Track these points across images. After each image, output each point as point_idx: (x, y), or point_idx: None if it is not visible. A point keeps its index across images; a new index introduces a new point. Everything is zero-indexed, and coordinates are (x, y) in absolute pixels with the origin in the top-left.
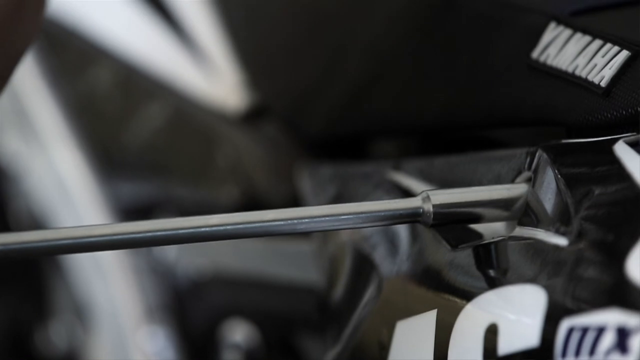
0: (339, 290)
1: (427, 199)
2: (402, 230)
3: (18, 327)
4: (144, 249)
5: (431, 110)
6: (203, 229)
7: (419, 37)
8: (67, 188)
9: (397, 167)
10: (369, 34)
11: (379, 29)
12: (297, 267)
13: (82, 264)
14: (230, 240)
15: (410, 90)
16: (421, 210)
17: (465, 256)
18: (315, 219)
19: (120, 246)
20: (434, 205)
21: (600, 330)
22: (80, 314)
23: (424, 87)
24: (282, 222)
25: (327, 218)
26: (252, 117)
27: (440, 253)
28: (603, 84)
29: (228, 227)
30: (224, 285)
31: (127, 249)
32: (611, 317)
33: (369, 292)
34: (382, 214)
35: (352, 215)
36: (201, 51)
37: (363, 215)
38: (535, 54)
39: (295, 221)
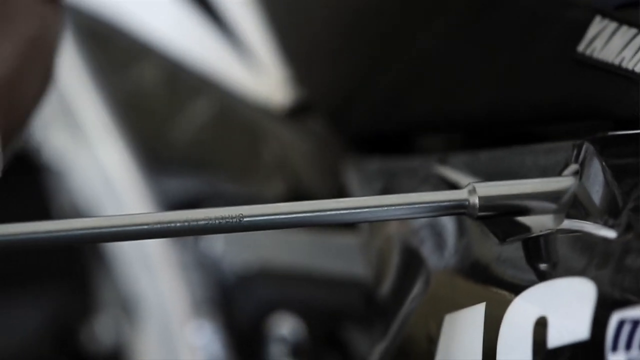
0: (386, 284)
1: (473, 191)
2: (450, 224)
3: (64, 323)
4: (190, 243)
5: (476, 105)
6: (251, 219)
7: (462, 34)
8: (112, 184)
9: (443, 161)
10: (412, 31)
11: (422, 27)
12: (344, 260)
13: (128, 258)
14: (277, 233)
15: (454, 86)
16: (467, 202)
17: (513, 249)
18: (363, 209)
19: (171, 234)
20: (480, 197)
21: None
22: (127, 308)
23: (469, 83)
24: (331, 212)
25: (375, 208)
26: (297, 113)
27: (488, 246)
28: None
29: (276, 216)
30: (271, 279)
31: (180, 237)
32: None
33: (417, 286)
34: (429, 205)
35: (399, 206)
36: (247, 48)
37: (410, 206)
38: (581, 48)
39: (344, 211)
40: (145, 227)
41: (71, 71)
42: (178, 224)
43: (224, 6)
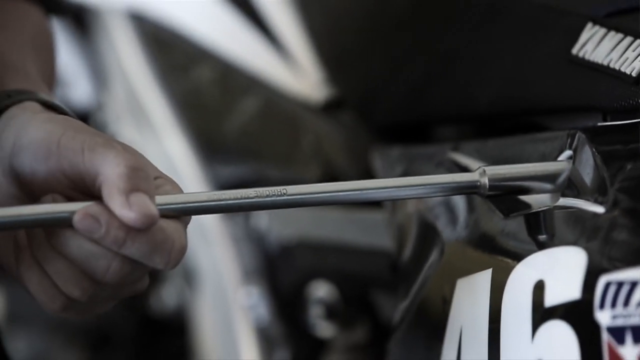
0: (407, 253)
1: (483, 173)
2: (461, 203)
3: None
4: (241, 220)
5: (485, 100)
6: (293, 196)
7: (474, 37)
8: (176, 170)
9: (456, 148)
10: (430, 35)
11: (438, 32)
12: (371, 233)
13: (189, 233)
14: (314, 210)
15: (467, 83)
16: (478, 182)
17: (516, 223)
18: (388, 189)
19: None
20: (489, 179)
21: (633, 285)
22: (188, 277)
23: (479, 80)
24: (360, 191)
25: (399, 188)
26: (331, 107)
27: (494, 221)
28: (634, 74)
29: (314, 194)
30: (308, 250)
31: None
32: None
33: (433, 255)
34: (445, 186)
35: (419, 186)
36: (288, 52)
37: (428, 186)
38: (575, 50)
39: (372, 191)
40: (206, 203)
41: (138, 73)
42: (236, 201)
43: (269, 16)
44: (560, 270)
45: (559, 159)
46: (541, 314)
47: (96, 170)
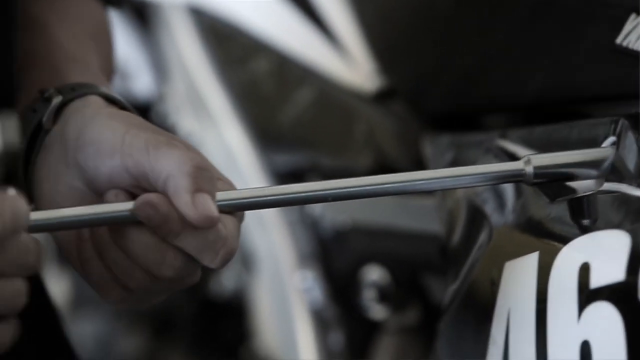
0: (456, 237)
1: (528, 162)
2: (509, 188)
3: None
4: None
5: (532, 89)
6: (348, 189)
7: (522, 28)
8: (234, 159)
9: (503, 136)
10: (480, 26)
11: (488, 22)
12: (422, 218)
13: (247, 219)
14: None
15: (515, 72)
16: (524, 171)
17: (562, 208)
18: (436, 180)
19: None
20: (534, 167)
21: None
22: (246, 261)
23: (527, 70)
24: (409, 183)
25: (447, 179)
26: (383, 97)
27: (541, 206)
28: None
29: (367, 187)
30: (362, 235)
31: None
32: None
33: (481, 238)
34: (492, 174)
35: (467, 176)
36: (341, 44)
37: (475, 176)
38: (619, 40)
39: (422, 181)
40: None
41: (198, 65)
42: (288, 196)
43: (322, 8)
44: (605, 252)
45: (603, 145)
46: (587, 295)
47: (161, 168)
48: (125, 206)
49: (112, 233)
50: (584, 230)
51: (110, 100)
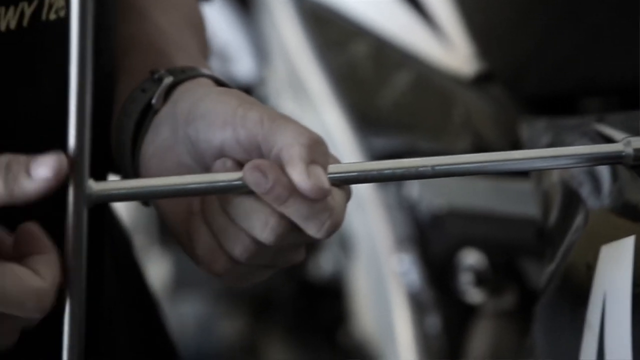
0: (552, 220)
1: (628, 143)
2: (605, 171)
3: None
4: (394, 189)
5: (630, 72)
6: (448, 166)
7: (618, 10)
8: (332, 142)
9: (601, 120)
10: (578, 9)
11: (586, 6)
12: (519, 202)
13: None
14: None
15: (612, 56)
16: (623, 153)
17: None
18: (535, 160)
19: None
20: (634, 149)
21: None
22: (344, 244)
23: (624, 54)
24: (507, 161)
25: (545, 159)
26: (481, 81)
27: (638, 190)
28: None
29: (462, 165)
30: (458, 219)
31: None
32: None
33: (577, 222)
34: (591, 156)
35: (564, 157)
36: (439, 27)
37: (575, 156)
38: None
39: (518, 161)
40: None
41: (298, 48)
42: (390, 171)
43: None
44: None
45: None
46: None
47: (275, 140)
48: (234, 175)
49: (220, 199)
50: None
51: (219, 83)
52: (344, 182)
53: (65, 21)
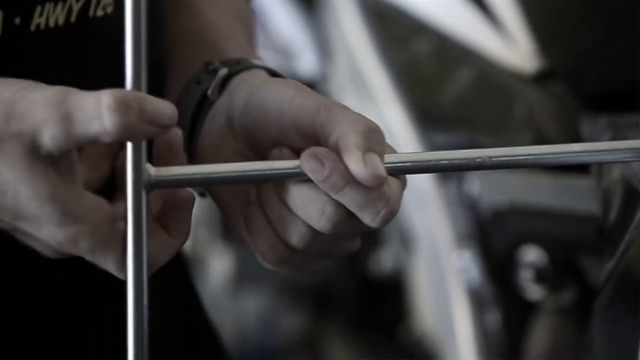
0: (612, 218)
1: None
2: None
3: (355, 254)
4: (454, 185)
5: None
6: (506, 158)
7: None
8: (394, 138)
9: None
10: (638, 6)
11: None
12: (579, 198)
13: (406, 199)
14: (524, 176)
15: None
16: None
17: None
18: (594, 153)
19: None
20: None
21: None
22: (404, 240)
23: None
24: (567, 154)
25: (604, 152)
26: (543, 78)
27: None
28: None
29: (523, 156)
30: (519, 215)
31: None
32: None
33: (637, 218)
34: None
35: (622, 150)
36: (501, 24)
37: (633, 150)
38: None
39: (578, 154)
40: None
41: (360, 45)
42: (446, 162)
43: None
44: None
45: None
46: None
47: (332, 127)
48: (291, 163)
49: (277, 187)
50: None
51: (272, 74)
52: (400, 172)
53: (112, 17)
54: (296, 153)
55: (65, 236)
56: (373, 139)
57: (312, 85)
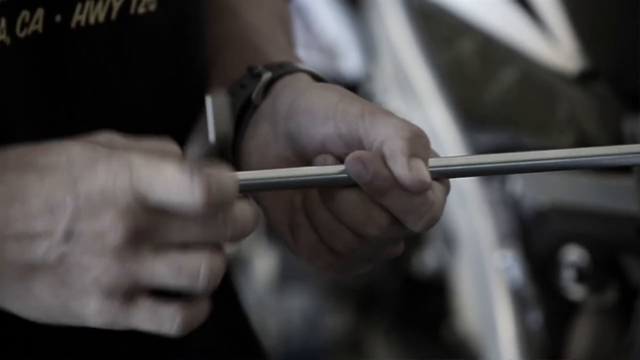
0: None
1: None
2: None
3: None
4: (497, 185)
5: None
6: (550, 160)
7: None
8: (438, 139)
9: None
10: None
11: None
12: (621, 198)
13: (448, 199)
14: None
15: None
16: None
17: None
18: (628, 155)
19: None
20: None
21: None
22: (447, 240)
23: None
24: (608, 156)
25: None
26: (586, 78)
27: None
28: None
29: (567, 159)
30: (561, 215)
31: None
32: None
33: None
34: None
35: None
36: (545, 24)
37: None
38: None
39: (619, 156)
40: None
41: (405, 45)
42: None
43: None
44: None
45: None
46: None
47: (377, 133)
48: (335, 168)
49: (322, 193)
50: None
51: (316, 78)
52: (444, 176)
53: (155, 15)
54: (340, 161)
55: None
56: (418, 144)
57: (356, 85)
